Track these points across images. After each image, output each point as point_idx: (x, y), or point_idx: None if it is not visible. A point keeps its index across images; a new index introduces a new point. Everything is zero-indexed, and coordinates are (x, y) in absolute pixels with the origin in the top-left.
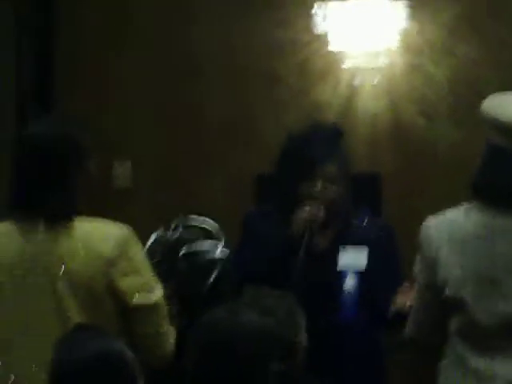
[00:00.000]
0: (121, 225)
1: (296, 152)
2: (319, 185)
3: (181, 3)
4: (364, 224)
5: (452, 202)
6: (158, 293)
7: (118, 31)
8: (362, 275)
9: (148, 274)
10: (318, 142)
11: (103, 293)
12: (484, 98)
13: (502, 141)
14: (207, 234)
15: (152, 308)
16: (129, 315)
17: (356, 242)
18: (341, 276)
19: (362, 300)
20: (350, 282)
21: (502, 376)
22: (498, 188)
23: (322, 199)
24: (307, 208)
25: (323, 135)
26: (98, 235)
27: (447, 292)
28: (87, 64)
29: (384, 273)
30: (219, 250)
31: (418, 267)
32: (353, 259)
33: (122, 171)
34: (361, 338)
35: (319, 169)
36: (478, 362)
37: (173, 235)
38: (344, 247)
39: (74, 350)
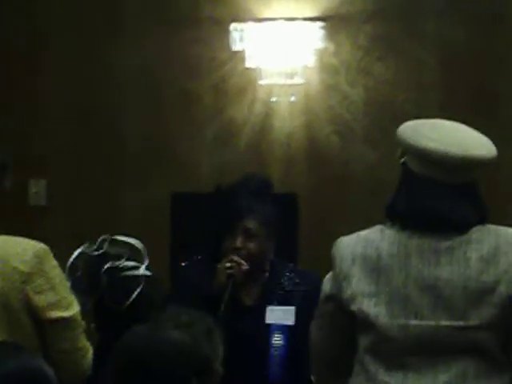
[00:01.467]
0: (37, 241)
1: (219, 205)
2: (239, 240)
3: (104, 14)
4: (290, 277)
5: (367, 222)
6: (74, 309)
7: (33, 42)
8: (289, 331)
9: (64, 291)
10: (242, 195)
11: (19, 308)
12: (399, 119)
13: (418, 167)
14: (132, 253)
15: (69, 323)
16: (46, 331)
17: (283, 298)
18: (268, 331)
19: (289, 356)
20: (277, 338)
21: None
22: (413, 212)
23: (244, 253)
24: (230, 260)
25: (249, 189)
26: (14, 251)
27: (354, 307)
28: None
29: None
30: (142, 268)
31: (326, 281)
32: (280, 317)
33: (38, 189)
34: None
35: (239, 224)
36: (390, 379)
37: (97, 250)
38: (271, 307)
39: None
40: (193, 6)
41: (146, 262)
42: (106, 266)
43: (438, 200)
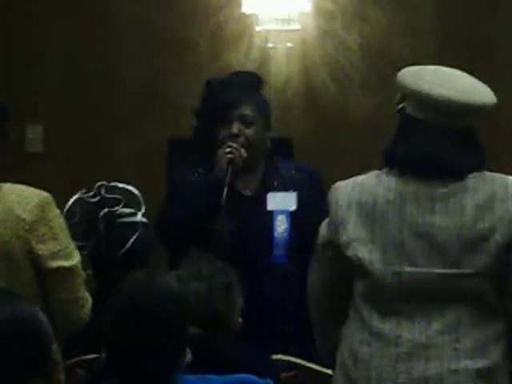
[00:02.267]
0: (40, 190)
1: (212, 97)
2: (235, 127)
3: None
4: (288, 167)
5: (364, 168)
6: (75, 259)
7: None
8: (292, 215)
9: (66, 241)
10: (234, 86)
11: (21, 256)
12: (396, 64)
13: (418, 112)
14: (129, 200)
15: (69, 273)
16: (46, 280)
17: (282, 185)
18: (271, 217)
19: (293, 240)
20: (280, 223)
21: (407, 340)
22: (412, 157)
23: (241, 140)
24: (229, 146)
25: (240, 81)
26: (17, 199)
27: (349, 252)
28: None
29: (313, 215)
30: (139, 215)
31: (322, 227)
32: (282, 203)
33: (34, 135)
34: (293, 278)
35: (234, 112)
36: (383, 326)
37: (94, 197)
38: (272, 193)
39: None
40: None
41: (143, 209)
42: (102, 212)
43: (437, 145)
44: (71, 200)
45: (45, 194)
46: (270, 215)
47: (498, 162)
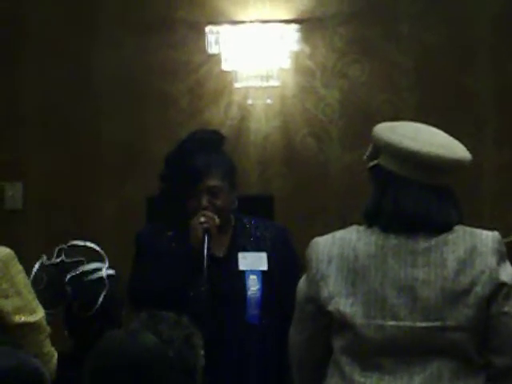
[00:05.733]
0: (2, 246)
1: (176, 162)
2: (204, 200)
3: (81, 17)
4: (255, 225)
5: (344, 224)
6: (39, 314)
7: (11, 44)
8: (263, 275)
9: (29, 296)
10: (196, 151)
11: None
12: (375, 121)
13: (398, 168)
14: (91, 256)
15: (34, 327)
16: (12, 335)
17: (252, 244)
18: (243, 277)
19: (265, 299)
20: (252, 283)
21: None
22: (399, 214)
23: (211, 210)
24: (203, 215)
25: (201, 143)
26: None
27: (330, 307)
28: None
29: (285, 273)
30: (104, 269)
31: (301, 283)
32: (253, 263)
33: (13, 193)
34: (266, 337)
35: (201, 184)
36: (365, 381)
37: (56, 260)
38: (243, 253)
39: None
40: (168, 9)
41: (107, 263)
42: (68, 276)
43: (420, 201)
44: (36, 266)
45: (7, 251)
46: (242, 275)
47: (479, 218)
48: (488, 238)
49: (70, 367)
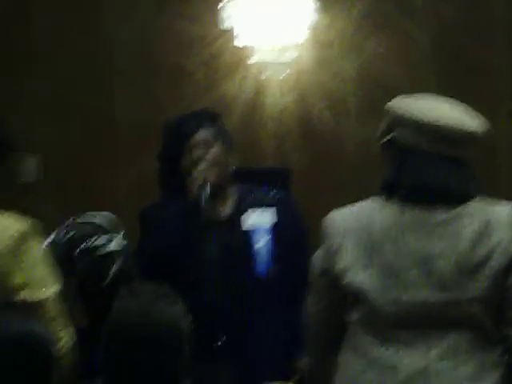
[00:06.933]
0: (23, 218)
1: (170, 132)
2: (196, 152)
3: None
4: (257, 190)
5: (360, 198)
6: (47, 291)
7: (22, 17)
8: (269, 231)
9: (43, 270)
10: (189, 118)
11: None
12: (392, 94)
13: (415, 140)
14: (101, 229)
15: (34, 308)
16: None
17: (257, 205)
18: (249, 236)
19: (272, 254)
20: (259, 240)
21: (405, 367)
22: (419, 186)
23: (206, 163)
24: (195, 171)
25: (196, 114)
26: None
27: (346, 280)
28: None
29: (291, 233)
30: (114, 243)
31: (317, 255)
32: (258, 220)
33: (28, 165)
34: (275, 292)
35: (192, 139)
36: (381, 353)
37: (65, 236)
38: (247, 213)
39: None
40: None
41: (119, 234)
42: (76, 252)
43: (438, 173)
44: (45, 243)
45: (26, 223)
46: (248, 233)
47: (496, 189)
48: (504, 211)
49: (85, 342)
